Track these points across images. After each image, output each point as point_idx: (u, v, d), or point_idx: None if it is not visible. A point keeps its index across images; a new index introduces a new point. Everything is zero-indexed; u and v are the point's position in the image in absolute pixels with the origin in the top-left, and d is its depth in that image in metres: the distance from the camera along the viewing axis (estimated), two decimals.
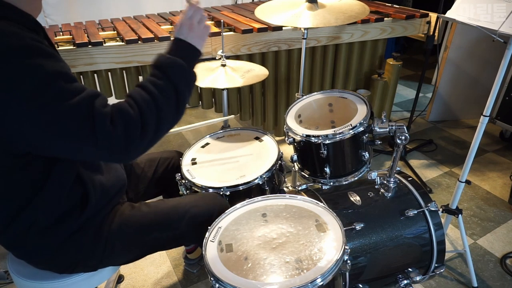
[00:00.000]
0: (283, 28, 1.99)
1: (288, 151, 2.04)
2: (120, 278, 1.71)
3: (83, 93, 0.82)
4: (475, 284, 1.63)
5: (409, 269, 1.30)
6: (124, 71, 1.90)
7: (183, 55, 0.96)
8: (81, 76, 1.83)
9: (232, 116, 1.68)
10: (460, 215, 1.64)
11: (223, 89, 1.72)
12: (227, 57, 1.71)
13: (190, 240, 1.33)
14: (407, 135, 1.24)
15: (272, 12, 1.58)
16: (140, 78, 1.97)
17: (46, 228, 1.00)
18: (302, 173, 1.61)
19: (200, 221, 1.19)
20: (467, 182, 1.60)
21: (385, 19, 2.18)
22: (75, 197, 1.02)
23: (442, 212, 1.67)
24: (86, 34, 1.83)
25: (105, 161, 0.86)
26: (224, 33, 1.65)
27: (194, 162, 1.49)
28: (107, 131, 0.82)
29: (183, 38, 0.97)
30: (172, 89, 0.92)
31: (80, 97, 0.81)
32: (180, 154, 1.57)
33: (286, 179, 1.59)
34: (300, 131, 1.45)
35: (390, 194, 1.35)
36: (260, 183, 1.37)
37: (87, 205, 1.04)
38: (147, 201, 1.25)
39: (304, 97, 1.65)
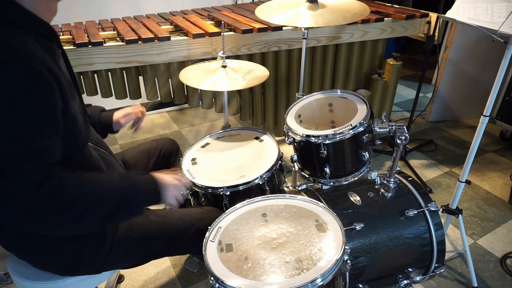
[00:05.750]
0: (283, 28, 1.99)
1: (288, 151, 2.04)
2: (120, 278, 1.71)
3: (34, 145, 0.78)
4: (475, 284, 1.63)
5: (409, 269, 1.30)
6: (124, 71, 1.90)
7: (149, 199, 1.01)
8: (81, 76, 1.83)
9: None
10: (460, 215, 1.64)
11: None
12: (227, 57, 1.71)
13: (193, 252, 1.33)
14: (407, 135, 1.24)
15: (273, 12, 1.58)
16: (140, 78, 1.97)
17: None
18: (302, 173, 1.60)
19: (204, 236, 1.19)
20: (467, 182, 1.60)
21: (385, 19, 2.18)
22: None
23: (442, 212, 1.67)
24: (86, 34, 1.83)
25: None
26: (224, 33, 1.65)
27: (194, 162, 1.49)
28: (26, 188, 0.77)
29: (160, 190, 1.02)
30: (115, 208, 0.91)
31: (27, 144, 0.78)
32: (171, 141, 1.58)
33: (286, 179, 1.59)
34: (300, 131, 1.45)
35: (390, 194, 1.35)
36: (260, 183, 1.37)
37: None
38: (154, 209, 1.25)
39: (304, 97, 1.65)
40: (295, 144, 1.52)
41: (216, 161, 1.50)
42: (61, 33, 1.91)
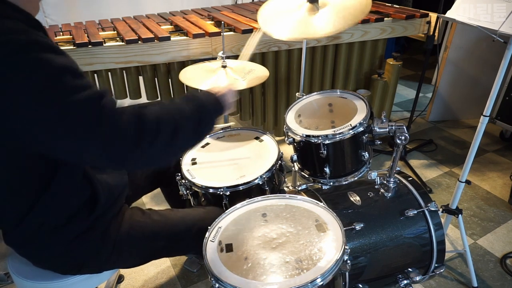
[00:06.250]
0: None
1: (288, 151, 2.04)
2: (120, 278, 1.72)
3: (91, 89, 0.82)
4: (475, 284, 1.63)
5: (409, 269, 1.30)
6: (124, 71, 1.91)
7: (216, 109, 1.05)
8: None
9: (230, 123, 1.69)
10: (460, 215, 1.64)
11: None
12: (227, 57, 1.71)
13: (194, 252, 1.34)
14: (407, 135, 1.24)
15: (274, 22, 1.52)
16: (140, 78, 1.97)
17: (56, 227, 1.00)
18: (302, 173, 1.60)
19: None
20: (467, 182, 1.60)
21: (385, 19, 2.18)
22: (84, 196, 1.02)
23: (442, 212, 1.67)
24: (86, 34, 1.84)
25: (109, 163, 0.89)
26: (224, 33, 1.65)
27: (194, 162, 1.49)
28: (116, 125, 0.81)
29: (221, 101, 1.07)
30: (197, 122, 0.95)
31: (88, 92, 0.80)
32: None
33: (286, 179, 1.59)
34: (300, 131, 1.45)
35: (390, 194, 1.35)
36: (260, 183, 1.37)
37: (96, 204, 1.04)
38: (157, 209, 1.25)
39: (304, 97, 1.65)
40: (295, 144, 1.52)
41: (216, 161, 1.50)
42: (61, 33, 1.91)
